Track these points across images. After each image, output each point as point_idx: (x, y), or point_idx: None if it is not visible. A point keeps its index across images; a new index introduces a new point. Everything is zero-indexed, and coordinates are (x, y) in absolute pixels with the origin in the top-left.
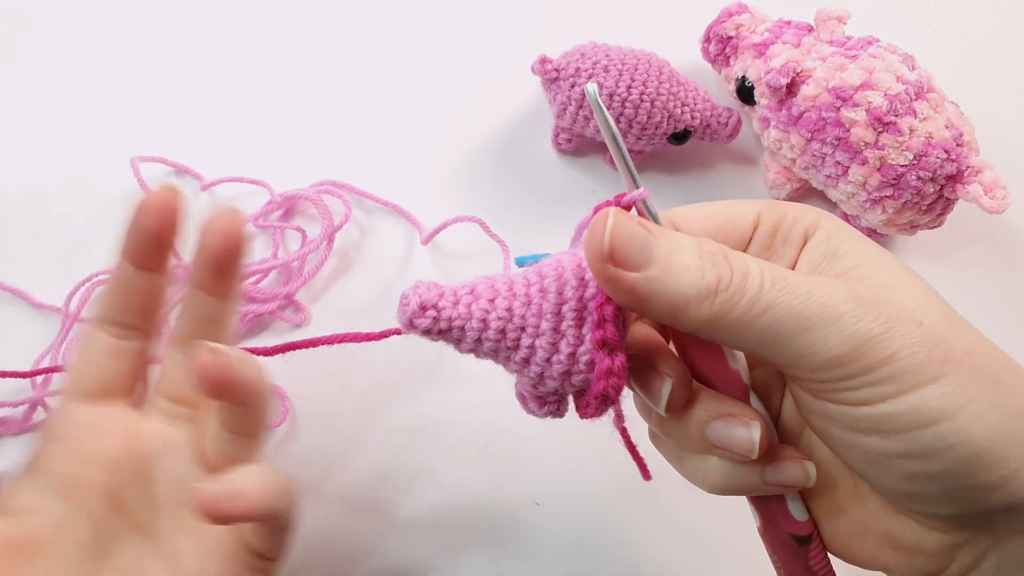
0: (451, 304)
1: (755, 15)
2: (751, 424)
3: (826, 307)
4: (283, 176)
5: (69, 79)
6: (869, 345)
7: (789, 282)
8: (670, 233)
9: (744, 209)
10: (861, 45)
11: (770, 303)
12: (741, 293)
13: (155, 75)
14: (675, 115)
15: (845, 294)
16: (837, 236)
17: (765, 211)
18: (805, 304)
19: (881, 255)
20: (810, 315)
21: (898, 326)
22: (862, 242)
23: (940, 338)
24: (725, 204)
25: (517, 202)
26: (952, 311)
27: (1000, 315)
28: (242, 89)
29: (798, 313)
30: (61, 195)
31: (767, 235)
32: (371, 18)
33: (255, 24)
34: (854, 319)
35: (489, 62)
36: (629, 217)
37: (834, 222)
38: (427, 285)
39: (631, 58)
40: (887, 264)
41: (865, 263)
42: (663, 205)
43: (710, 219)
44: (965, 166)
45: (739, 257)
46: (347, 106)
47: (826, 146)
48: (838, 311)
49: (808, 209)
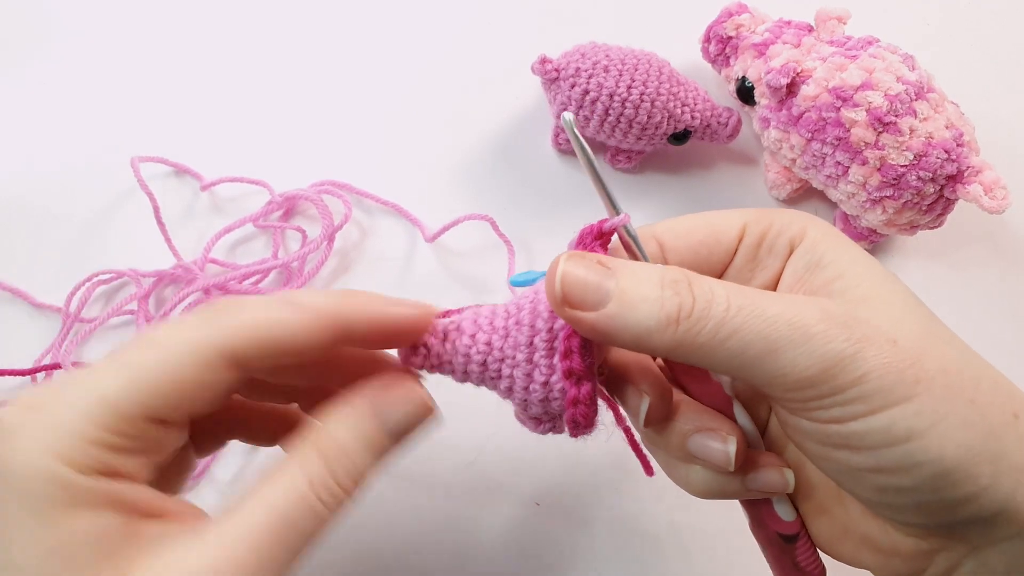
0: (439, 341)
1: (755, 15)
2: (727, 439)
3: (795, 329)
4: (283, 176)
5: (69, 79)
6: (839, 367)
7: (757, 305)
8: (630, 266)
9: (729, 221)
10: (861, 45)
11: (736, 328)
12: (705, 319)
13: (155, 75)
14: (675, 115)
15: (816, 314)
16: (822, 244)
17: (751, 222)
18: (773, 327)
19: (867, 264)
20: (778, 337)
21: (870, 346)
22: (848, 250)
23: (914, 356)
24: (709, 217)
25: (517, 202)
26: (933, 324)
27: (1000, 315)
28: (243, 89)
29: (766, 336)
30: (61, 195)
31: (752, 247)
32: (371, 18)
33: (256, 24)
34: (824, 340)
35: (489, 62)
36: (580, 260)
37: (821, 229)
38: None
39: (631, 58)
40: (871, 274)
41: (849, 273)
42: (663, 205)
43: (692, 234)
44: (965, 166)
45: (704, 283)
46: (348, 106)
47: (826, 146)
48: (808, 332)
49: (795, 216)
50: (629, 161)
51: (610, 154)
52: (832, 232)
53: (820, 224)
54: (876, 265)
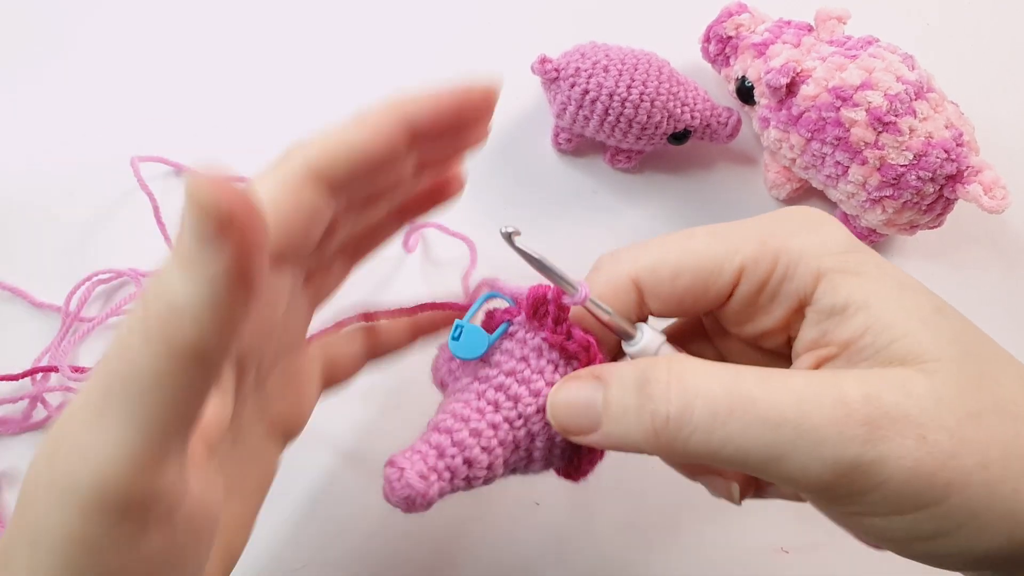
0: (435, 481)
1: (755, 15)
2: (732, 486)
3: (802, 434)
4: None
5: (69, 79)
6: (856, 473)
7: (755, 407)
8: (616, 372)
9: (722, 261)
10: (861, 45)
11: (728, 436)
12: (687, 428)
13: (155, 75)
14: (675, 115)
15: (829, 412)
16: (845, 286)
17: (750, 265)
18: (776, 433)
19: (901, 300)
20: (784, 443)
21: (893, 447)
22: (877, 285)
23: (948, 454)
24: (697, 252)
25: (517, 202)
26: (982, 386)
27: (1000, 315)
28: (241, 89)
29: (768, 444)
30: (62, 195)
31: (750, 294)
32: (371, 18)
33: (255, 24)
34: (837, 444)
35: (489, 62)
36: (569, 382)
37: (840, 266)
38: (400, 478)
39: (631, 58)
40: (907, 318)
41: (878, 323)
42: (663, 205)
43: (678, 279)
44: (965, 166)
45: (687, 381)
46: (347, 106)
47: (826, 146)
48: (818, 436)
49: (806, 254)
50: (629, 161)
51: (610, 154)
52: (854, 265)
53: (839, 260)
54: (915, 294)
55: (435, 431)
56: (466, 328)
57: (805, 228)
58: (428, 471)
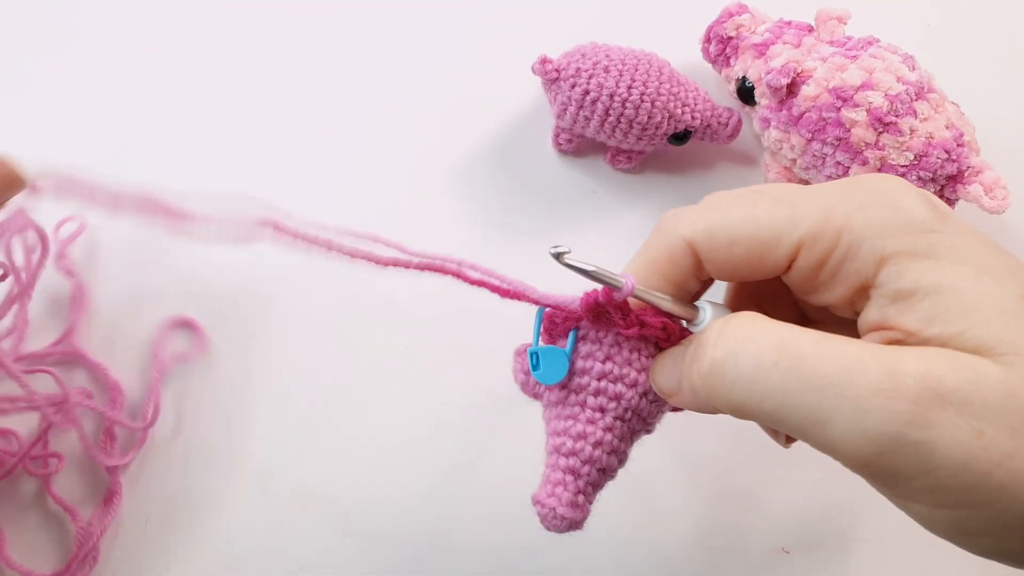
0: (583, 501)
1: (755, 15)
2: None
3: (846, 400)
4: (281, 176)
5: (69, 80)
6: (900, 453)
7: (802, 363)
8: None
9: (781, 233)
10: (861, 45)
11: (770, 390)
12: (731, 375)
13: (155, 75)
14: (675, 115)
15: (877, 380)
16: (913, 271)
17: (808, 241)
18: (819, 395)
19: (979, 286)
20: (826, 407)
21: (944, 432)
22: (950, 268)
23: (1006, 454)
24: (758, 222)
25: (517, 202)
26: None
27: None
28: (241, 90)
29: (810, 404)
30: None
31: (810, 269)
32: (370, 18)
33: (255, 25)
34: (882, 417)
35: (489, 62)
36: (662, 359)
37: (909, 248)
38: (554, 516)
39: (631, 58)
40: (984, 305)
41: (950, 311)
42: (663, 205)
43: (734, 247)
44: (965, 166)
45: (740, 331)
46: (346, 105)
47: (827, 146)
48: (862, 405)
49: (871, 232)
50: (629, 161)
51: (610, 154)
52: (928, 243)
53: (911, 230)
54: (998, 280)
55: (562, 456)
56: (542, 353)
57: (876, 201)
58: (574, 496)
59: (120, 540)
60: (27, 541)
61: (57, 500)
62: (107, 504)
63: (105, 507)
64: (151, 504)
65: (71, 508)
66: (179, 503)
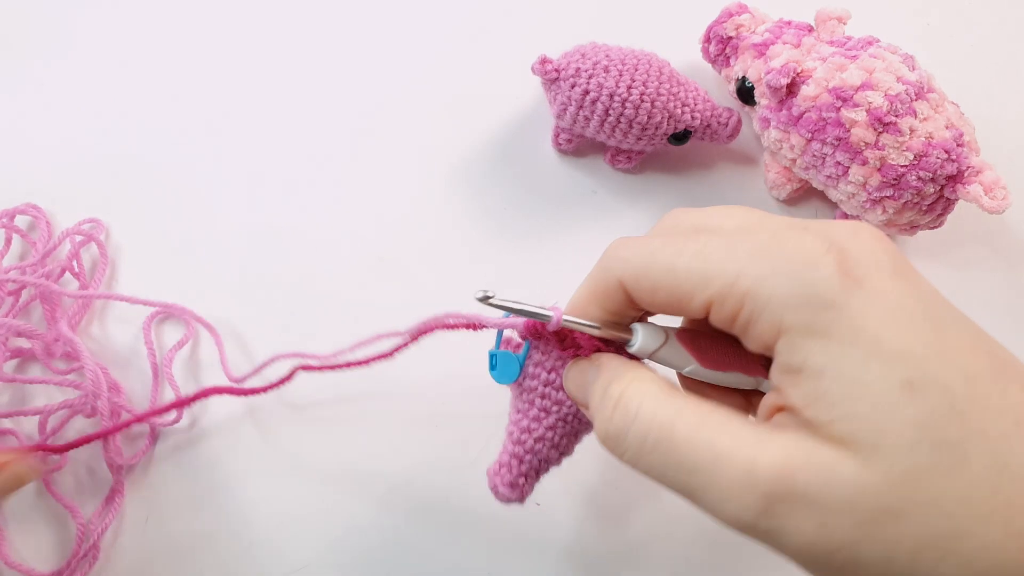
0: (523, 483)
1: (755, 15)
2: None
3: (710, 486)
4: (281, 176)
5: (69, 79)
6: (755, 533)
7: (677, 449)
8: (603, 365)
9: (694, 290)
10: (861, 45)
11: (651, 465)
12: (620, 448)
13: (154, 79)
14: (675, 115)
15: (736, 474)
16: (803, 348)
17: (717, 302)
18: (689, 477)
19: (864, 372)
20: (695, 488)
21: (789, 523)
22: (839, 351)
23: (849, 541)
24: (676, 274)
25: (517, 202)
26: (932, 477)
27: (1000, 315)
28: (240, 89)
29: (682, 484)
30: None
31: (723, 323)
32: (370, 17)
33: (256, 26)
34: (738, 507)
35: (489, 62)
36: (571, 371)
37: (804, 324)
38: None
39: (631, 58)
40: (861, 395)
41: (827, 397)
42: (663, 205)
43: (656, 294)
44: (965, 166)
45: (632, 407)
46: (344, 105)
47: (826, 146)
48: (722, 494)
49: (772, 303)
50: (629, 161)
51: (610, 154)
52: (825, 320)
53: (808, 307)
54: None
55: (510, 442)
56: (499, 356)
57: (784, 270)
58: (515, 478)
59: (120, 539)
60: (27, 539)
61: (57, 498)
62: (108, 503)
63: (106, 506)
64: (151, 503)
65: (71, 506)
66: (179, 502)
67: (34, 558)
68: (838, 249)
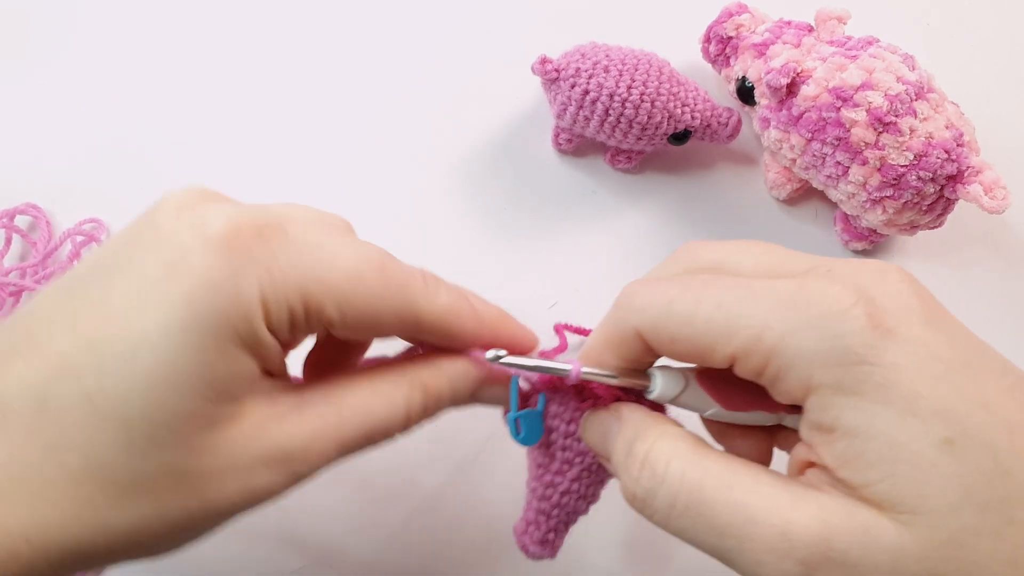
0: (553, 538)
1: (755, 15)
2: None
3: (744, 550)
4: (281, 177)
5: (70, 77)
6: None
7: (708, 511)
8: (624, 419)
9: (716, 342)
10: (861, 45)
11: (682, 528)
12: (649, 509)
13: (153, 78)
14: (675, 115)
15: (771, 539)
16: (834, 407)
17: (741, 356)
18: (721, 540)
19: (900, 431)
20: (728, 550)
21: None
22: (873, 409)
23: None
24: (696, 326)
25: (517, 202)
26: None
27: (1000, 315)
28: (240, 88)
29: (714, 546)
30: (60, 194)
31: (749, 376)
32: (369, 17)
33: (257, 25)
34: (773, 571)
35: (489, 62)
36: (590, 422)
37: (834, 382)
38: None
39: (631, 58)
40: (897, 456)
41: (862, 458)
42: (663, 205)
43: (676, 344)
44: (965, 166)
45: (660, 469)
46: (344, 105)
47: (826, 146)
48: (757, 558)
49: (799, 360)
50: (629, 161)
51: (610, 154)
52: (856, 378)
53: (838, 365)
54: (924, 424)
55: (535, 499)
56: (522, 417)
57: (812, 324)
58: (545, 534)
59: None
60: None
61: None
62: None
63: None
64: None
65: None
66: None
67: None
68: (867, 299)
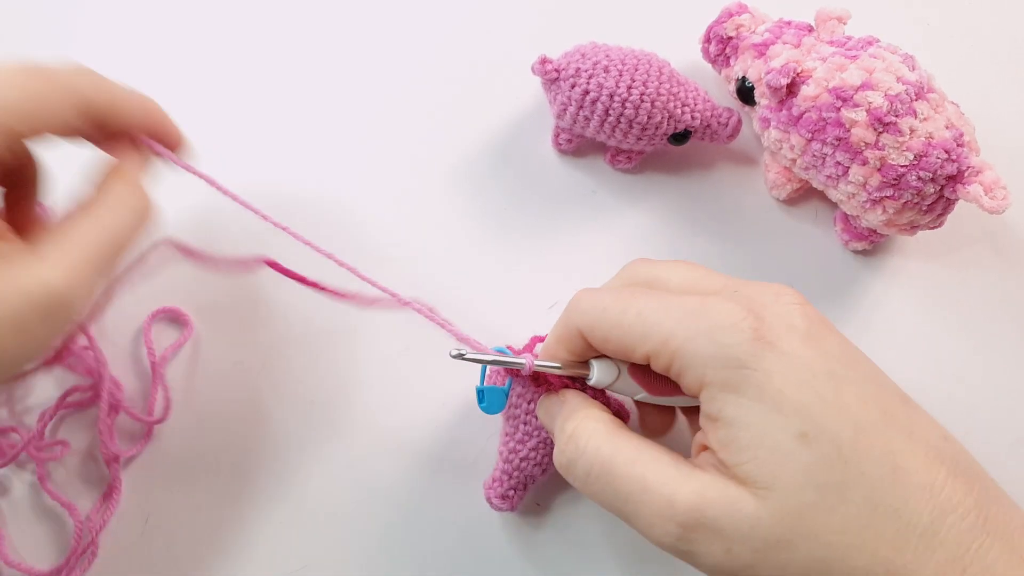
0: (513, 495)
1: (755, 15)
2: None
3: (639, 514)
4: (281, 177)
5: None
6: (676, 553)
7: (613, 480)
8: (567, 399)
9: (635, 344)
10: (861, 45)
11: (594, 493)
12: (570, 476)
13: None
14: (675, 115)
15: (658, 506)
16: (719, 401)
17: (652, 355)
18: (623, 504)
19: (766, 425)
20: (628, 513)
21: (702, 548)
22: (748, 404)
23: (747, 564)
24: (622, 329)
25: (517, 202)
26: (815, 513)
27: (1000, 315)
28: (241, 88)
29: (618, 509)
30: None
31: (661, 371)
32: (369, 17)
33: (253, 23)
34: (660, 533)
35: (489, 62)
36: (543, 402)
37: (721, 381)
38: (491, 502)
39: (631, 58)
40: (760, 443)
41: (736, 443)
42: (663, 205)
43: (606, 343)
44: (965, 166)
45: (580, 443)
46: (343, 106)
47: (826, 146)
48: (648, 521)
49: (695, 362)
50: (629, 161)
51: (610, 154)
52: (738, 378)
53: (724, 368)
54: (785, 419)
55: (501, 460)
56: (486, 391)
57: (707, 334)
58: (506, 491)
59: (120, 538)
60: (25, 537)
61: (53, 496)
62: (106, 499)
63: (104, 502)
64: (151, 501)
65: (68, 504)
66: (179, 501)
67: (33, 556)
68: (756, 315)
